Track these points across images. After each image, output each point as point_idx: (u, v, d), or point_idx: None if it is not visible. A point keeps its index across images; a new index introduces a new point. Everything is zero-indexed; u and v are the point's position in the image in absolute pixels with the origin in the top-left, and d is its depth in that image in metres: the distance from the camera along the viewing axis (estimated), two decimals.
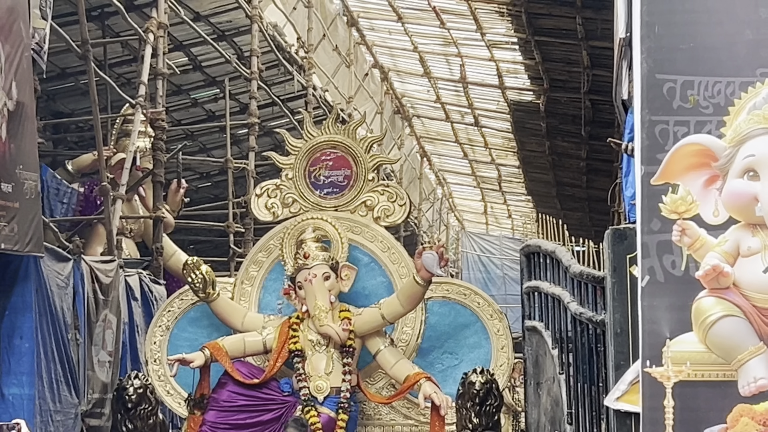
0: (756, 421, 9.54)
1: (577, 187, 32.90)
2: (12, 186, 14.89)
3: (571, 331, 12.10)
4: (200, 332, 15.55)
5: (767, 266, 9.69)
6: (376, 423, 15.49)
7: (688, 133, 9.78)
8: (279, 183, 15.84)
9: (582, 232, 13.44)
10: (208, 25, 23.85)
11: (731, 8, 9.83)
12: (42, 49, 16.86)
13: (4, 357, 15.42)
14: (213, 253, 22.92)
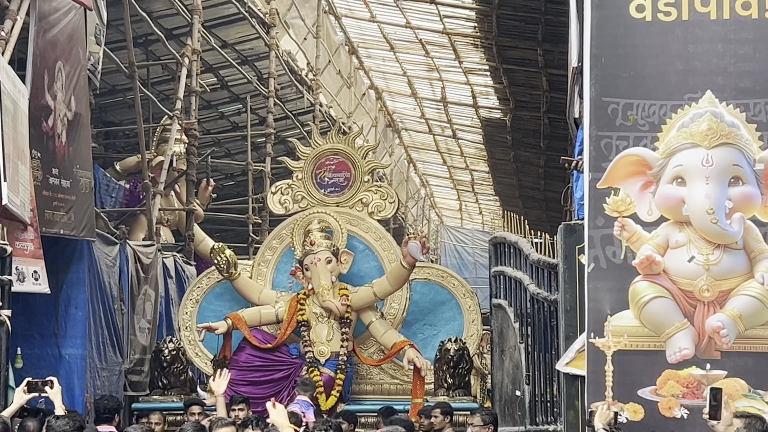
0: (680, 384, 9.56)
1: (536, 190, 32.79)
2: (70, 182, 14.88)
3: (529, 308, 12.08)
4: (224, 305, 15.58)
5: (691, 256, 9.70)
6: (368, 382, 15.54)
7: (628, 146, 9.79)
8: (290, 183, 15.89)
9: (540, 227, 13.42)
10: (234, 52, 23.80)
11: (664, 44, 9.84)
12: (96, 69, 16.84)
13: (62, 324, 15.39)
14: (235, 240, 22.83)
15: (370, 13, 27.58)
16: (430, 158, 40.58)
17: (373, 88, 34.09)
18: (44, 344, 15.01)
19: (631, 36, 9.88)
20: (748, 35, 9.76)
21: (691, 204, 9.71)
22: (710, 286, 9.65)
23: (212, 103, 25.38)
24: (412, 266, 14.71)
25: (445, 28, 26.15)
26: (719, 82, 9.75)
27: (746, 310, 9.61)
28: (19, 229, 13.01)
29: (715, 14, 9.79)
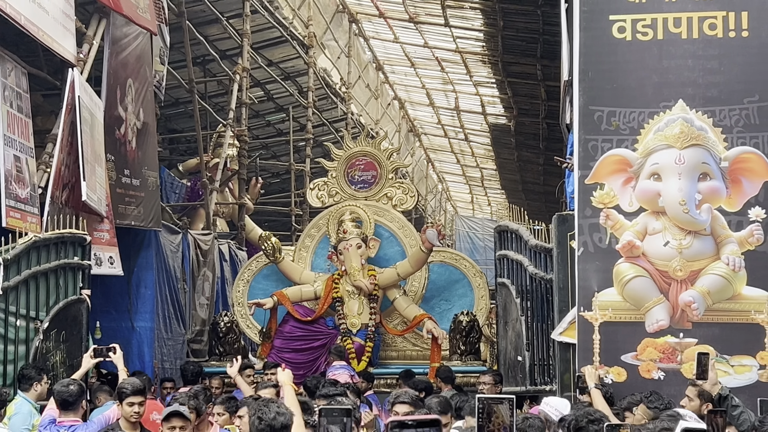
0: (657, 350, 9.55)
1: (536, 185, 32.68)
2: (139, 181, 14.98)
3: (528, 286, 12.11)
4: (270, 284, 15.66)
5: (666, 241, 9.67)
6: (393, 348, 15.60)
7: (611, 147, 9.77)
8: (326, 180, 15.96)
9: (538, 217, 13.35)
10: (278, 69, 23.84)
11: (642, 60, 9.81)
12: (161, 85, 16.93)
13: (134, 301, 15.50)
14: (279, 229, 22.92)
15: (393, 35, 27.56)
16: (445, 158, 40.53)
17: (396, 99, 34.09)
18: (119, 318, 15.12)
19: (613, 53, 9.85)
20: (714, 52, 9.73)
21: (666, 196, 9.68)
22: (683, 266, 9.63)
23: (260, 113, 25.44)
24: (429, 250, 14.75)
25: (457, 47, 26.11)
26: (689, 92, 9.72)
27: (713, 287, 9.58)
28: (97, 221, 13.10)
29: (685, 34, 9.76)
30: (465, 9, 23.40)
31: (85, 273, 11.99)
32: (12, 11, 10.53)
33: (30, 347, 10.92)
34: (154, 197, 15.72)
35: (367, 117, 30.06)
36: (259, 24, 20.95)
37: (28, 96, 12.48)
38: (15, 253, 10.70)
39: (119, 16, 13.60)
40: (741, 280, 9.56)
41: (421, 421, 1.65)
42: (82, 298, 11.89)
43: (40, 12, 11.29)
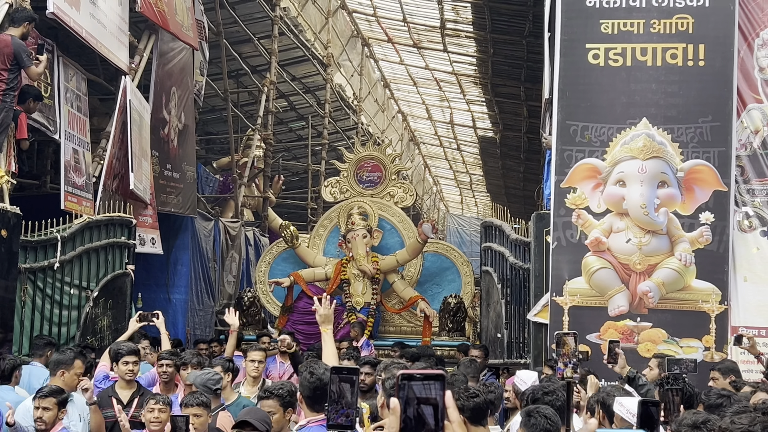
0: (617, 331, 9.52)
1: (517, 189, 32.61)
2: (179, 174, 14.96)
3: (509, 274, 12.07)
4: (288, 266, 15.62)
5: (628, 239, 9.65)
6: (391, 325, 15.56)
7: (584, 156, 9.74)
8: (338, 179, 15.92)
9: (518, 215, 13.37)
10: (300, 83, 23.81)
11: (612, 83, 9.77)
12: (200, 93, 16.93)
13: (171, 277, 15.50)
14: (297, 220, 22.85)
15: (399, 58, 27.52)
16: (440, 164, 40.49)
17: (400, 113, 34.06)
18: (158, 291, 15.13)
19: (588, 77, 9.82)
20: (675, 78, 9.70)
21: (629, 200, 9.67)
22: (641, 261, 9.60)
23: (283, 120, 25.39)
24: (425, 242, 14.72)
25: (453, 70, 26.06)
26: (652, 111, 9.69)
27: (667, 279, 9.57)
28: (142, 207, 13.09)
29: (650, 62, 9.73)
30: (461, 37, 23.35)
31: (130, 251, 12.00)
32: (75, 26, 10.50)
33: (81, 313, 10.94)
34: (191, 189, 15.72)
35: (374, 127, 30.03)
36: (285, 44, 20.93)
37: (87, 98, 12.48)
38: (71, 232, 10.72)
39: (166, 32, 13.60)
40: (691, 274, 9.54)
41: (428, 374, 1.62)
42: (127, 272, 11.90)
43: (99, 27, 11.27)
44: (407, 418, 1.63)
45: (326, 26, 23.50)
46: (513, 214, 13.47)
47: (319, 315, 5.21)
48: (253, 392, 7.83)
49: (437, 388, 1.62)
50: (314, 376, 4.91)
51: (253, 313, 15.29)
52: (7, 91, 9.49)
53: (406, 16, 23.48)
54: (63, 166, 11.40)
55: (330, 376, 3.27)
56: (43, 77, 11.02)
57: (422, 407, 1.63)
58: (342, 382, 3.20)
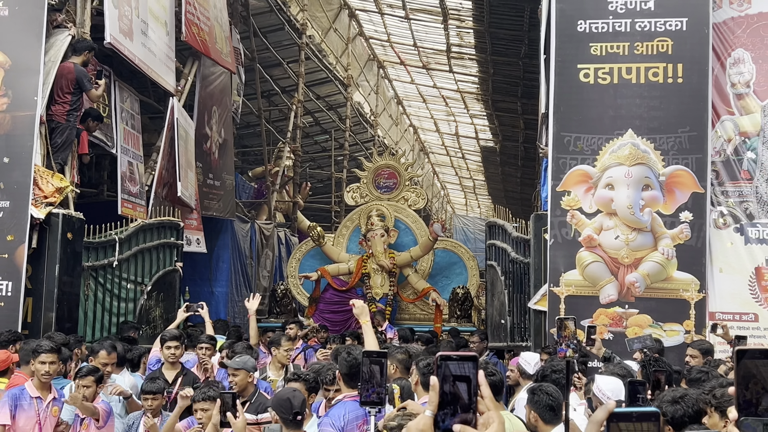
0: (608, 317, 9.49)
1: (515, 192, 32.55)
2: (220, 183, 15.01)
3: (510, 267, 12.04)
4: (315, 262, 15.67)
5: (617, 236, 9.60)
6: (406, 313, 15.57)
7: (577, 164, 9.70)
8: (359, 185, 15.98)
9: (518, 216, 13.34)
10: (324, 102, 23.84)
11: (601, 98, 9.74)
12: (237, 111, 16.97)
13: (214, 272, 15.55)
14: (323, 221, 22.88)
15: (410, 78, 27.52)
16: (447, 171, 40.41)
17: (411, 126, 34.04)
18: (202, 284, 15.19)
19: (579, 93, 9.79)
20: (656, 93, 9.66)
21: (617, 202, 9.63)
22: (629, 255, 9.57)
23: (309, 134, 25.42)
24: (435, 240, 14.76)
25: (458, 88, 26.05)
26: (637, 123, 9.65)
27: (652, 271, 9.52)
28: (188, 211, 13.15)
29: (635, 80, 9.69)
30: (464, 59, 23.34)
31: (178, 250, 12.06)
32: (129, 54, 10.56)
33: (137, 305, 11.00)
34: (230, 195, 15.79)
35: (389, 139, 30.03)
36: (310, 67, 20.97)
37: (139, 117, 12.56)
38: (127, 234, 10.78)
39: (208, 59, 13.65)
40: (673, 266, 9.50)
41: (463, 356, 1.67)
42: (176, 268, 11.96)
43: (149, 54, 11.33)
44: (444, 394, 1.65)
45: (346, 51, 23.52)
46: (514, 214, 13.42)
47: (356, 308, 5.24)
48: (279, 376, 7.78)
49: (471, 367, 1.65)
50: (351, 356, 5.01)
51: (285, 304, 15.36)
52: (71, 112, 9.56)
53: (416, 41, 23.49)
54: (119, 176, 11.48)
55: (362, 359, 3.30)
56: (102, 99, 11.10)
57: (457, 384, 1.65)
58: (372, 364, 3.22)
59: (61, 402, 6.26)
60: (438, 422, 1.64)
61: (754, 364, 1.64)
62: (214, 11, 13.84)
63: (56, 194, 9.16)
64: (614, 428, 1.50)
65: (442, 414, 1.64)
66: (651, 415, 1.51)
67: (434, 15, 21.10)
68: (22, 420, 6.05)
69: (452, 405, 1.64)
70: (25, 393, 6.17)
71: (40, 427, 6.09)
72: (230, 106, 15.83)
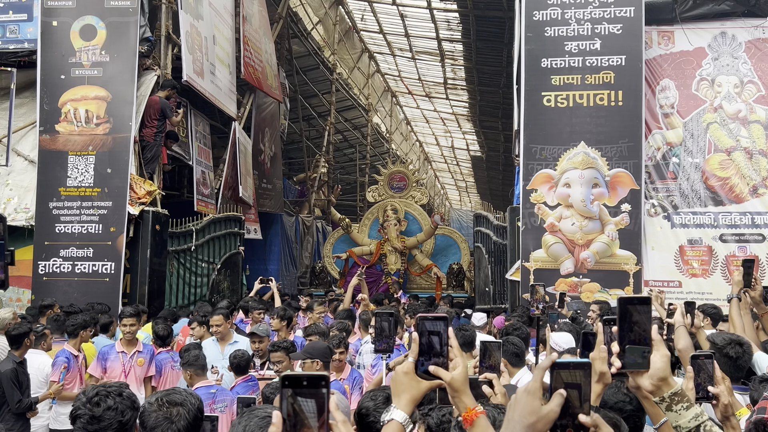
0: (567, 285, 9.43)
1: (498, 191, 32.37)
2: (271, 186, 15.02)
3: (493, 248, 12.02)
4: (345, 245, 15.66)
5: (573, 222, 9.56)
6: (414, 284, 15.52)
7: (542, 168, 9.65)
8: (377, 186, 15.91)
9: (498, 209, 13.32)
10: (350, 123, 23.82)
11: (560, 118, 9.68)
12: (284, 131, 16.98)
13: (268, 254, 15.55)
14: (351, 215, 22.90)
15: (416, 103, 27.44)
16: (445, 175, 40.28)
17: (418, 141, 33.95)
18: (259, 263, 15.24)
19: (544, 114, 9.73)
20: (603, 114, 9.59)
21: (573, 197, 9.57)
22: (582, 237, 9.52)
23: (339, 148, 25.41)
24: (436, 227, 14.72)
25: (453, 111, 25.97)
26: (588, 137, 9.59)
27: (600, 249, 9.47)
28: (247, 208, 13.19)
29: (586, 103, 9.62)
30: (457, 89, 23.25)
31: (240, 237, 12.11)
32: (201, 89, 10.61)
33: (209, 279, 11.05)
34: (279, 195, 15.83)
35: (401, 151, 29.96)
36: (339, 98, 20.98)
37: (210, 137, 12.60)
38: (201, 225, 10.83)
39: (261, 91, 13.68)
40: (616, 245, 9.44)
41: (436, 316, 1.68)
42: (239, 251, 12.01)
43: (217, 89, 11.38)
44: (422, 344, 1.66)
45: (367, 84, 23.49)
46: (495, 207, 13.41)
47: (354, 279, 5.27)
48: None
49: (442, 325, 1.66)
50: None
51: (322, 277, 15.41)
52: (158, 134, 9.63)
53: (420, 76, 23.42)
54: (195, 182, 11.53)
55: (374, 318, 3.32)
56: (181, 124, 11.17)
57: (432, 337, 1.65)
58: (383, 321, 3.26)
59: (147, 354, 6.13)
60: (418, 366, 1.66)
61: (635, 309, 1.65)
62: (266, 55, 13.89)
63: (147, 196, 9.24)
64: (556, 375, 1.47)
65: (421, 360, 1.66)
66: (584, 365, 1.48)
67: (434, 55, 21.05)
68: (110, 370, 5.97)
69: (428, 353, 1.65)
70: (114, 349, 6.07)
71: (125, 374, 5.97)
72: (279, 127, 15.88)
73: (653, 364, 1.65)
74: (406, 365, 1.67)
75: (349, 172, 27.10)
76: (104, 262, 8.89)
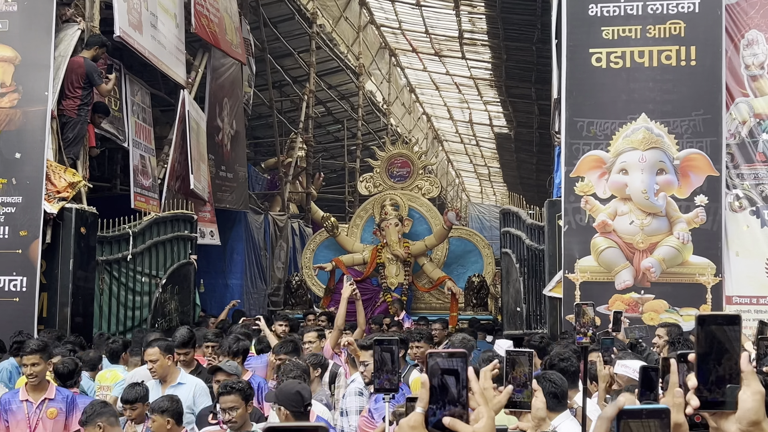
0: (623, 303, 9.54)
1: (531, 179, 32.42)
2: (232, 174, 15.12)
3: (525, 254, 12.08)
4: (330, 252, 15.74)
5: (631, 221, 9.66)
6: (422, 302, 15.64)
7: (590, 149, 9.76)
8: (372, 175, 16.03)
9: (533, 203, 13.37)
10: (336, 91, 23.88)
11: (614, 82, 9.78)
12: (248, 103, 17.06)
13: (228, 264, 15.65)
14: (336, 212, 22.95)
15: (423, 65, 27.51)
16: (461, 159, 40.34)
17: (425, 114, 34.02)
18: (217, 277, 15.29)
19: (592, 77, 9.83)
20: (670, 77, 9.69)
21: (631, 187, 9.68)
22: (644, 240, 9.62)
23: (322, 124, 25.45)
24: (450, 228, 14.81)
25: (471, 75, 26.02)
26: (650, 107, 9.69)
27: (667, 255, 9.58)
28: (201, 204, 13.26)
29: (647, 63, 9.72)
30: (477, 45, 23.33)
31: (192, 243, 12.17)
32: (139, 47, 10.67)
33: (152, 298, 11.12)
34: (243, 187, 15.87)
35: (402, 128, 30.05)
36: (321, 57, 21.02)
37: (150, 110, 12.66)
38: (140, 228, 10.90)
39: (218, 50, 13.73)
40: (688, 250, 9.55)
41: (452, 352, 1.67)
42: (190, 261, 12.07)
43: (159, 47, 11.43)
44: (433, 388, 1.63)
45: (357, 40, 23.56)
46: (528, 201, 13.44)
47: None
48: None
49: (460, 362, 1.63)
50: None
51: (300, 295, 15.45)
52: (82, 106, 9.68)
53: (428, 28, 23.49)
54: (132, 170, 11.58)
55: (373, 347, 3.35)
56: (113, 93, 11.22)
57: (446, 378, 1.63)
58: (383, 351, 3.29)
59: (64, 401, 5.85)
60: (428, 417, 1.63)
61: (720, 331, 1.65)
62: (224, 2, 13.93)
63: (69, 189, 9.26)
64: (624, 426, 1.43)
65: (433, 408, 1.63)
66: (661, 412, 1.44)
67: (446, 1, 21.11)
68: (14, 426, 5.70)
69: (442, 400, 1.63)
70: (17, 396, 5.84)
71: (30, 430, 5.73)
72: (241, 97, 15.91)
73: (742, 404, 1.60)
74: (413, 417, 1.63)
75: (335, 155, 27.15)
76: (12, 277, 8.93)
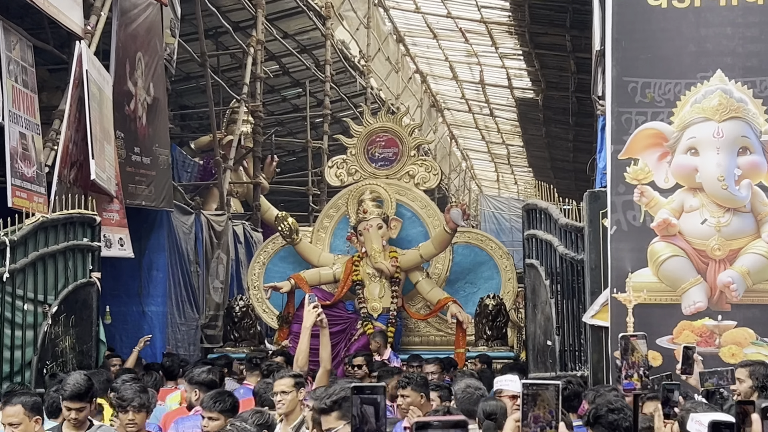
0: (694, 333, 9.52)
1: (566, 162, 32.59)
2: (150, 159, 15.05)
3: (558, 267, 12.04)
4: (287, 267, 15.70)
5: (704, 219, 9.64)
6: (416, 334, 15.63)
7: (646, 120, 9.73)
8: (345, 158, 15.99)
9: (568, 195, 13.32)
10: (294, 42, 23.85)
11: (678, 28, 9.75)
12: (172, 58, 16.97)
13: (145, 284, 15.60)
14: (296, 209, 22.89)
15: (415, 4, 27.52)
16: (470, 135, 40.47)
17: (418, 73, 34.06)
18: (129, 302, 15.22)
19: (648, 21, 9.79)
20: (755, 19, 9.66)
21: (703, 172, 9.64)
22: (721, 245, 9.59)
23: (275, 87, 25.44)
24: (454, 231, 14.76)
25: (482, 18, 26.05)
26: (728, 62, 9.66)
27: (754, 266, 9.55)
28: (106, 201, 13.17)
29: (724, 1, 9.68)
30: None
31: (94, 255, 12.05)
32: None
33: (38, 332, 10.96)
34: (165, 176, 15.78)
35: (387, 91, 30.03)
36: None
37: (34, 70, 12.50)
38: (21, 235, 10.73)
39: None
40: None
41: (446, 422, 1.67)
42: (91, 281, 11.95)
43: None
44: None
45: None
46: (561, 193, 13.40)
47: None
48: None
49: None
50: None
51: (246, 326, 15.37)
52: None
53: None
54: (8, 154, 11.41)
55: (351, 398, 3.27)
56: None
57: None
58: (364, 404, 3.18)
59: None
60: None
61: None
62: None
63: None
64: None
65: None
66: None
67: None
68: None
69: None
70: None
71: None
72: (161, 51, 15.81)
73: None
74: None
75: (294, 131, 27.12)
76: None
